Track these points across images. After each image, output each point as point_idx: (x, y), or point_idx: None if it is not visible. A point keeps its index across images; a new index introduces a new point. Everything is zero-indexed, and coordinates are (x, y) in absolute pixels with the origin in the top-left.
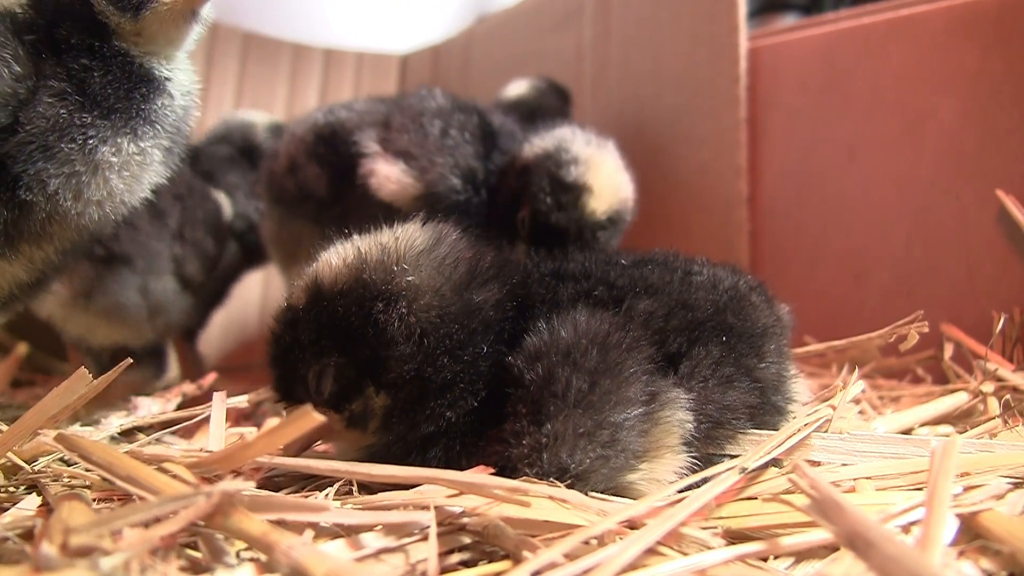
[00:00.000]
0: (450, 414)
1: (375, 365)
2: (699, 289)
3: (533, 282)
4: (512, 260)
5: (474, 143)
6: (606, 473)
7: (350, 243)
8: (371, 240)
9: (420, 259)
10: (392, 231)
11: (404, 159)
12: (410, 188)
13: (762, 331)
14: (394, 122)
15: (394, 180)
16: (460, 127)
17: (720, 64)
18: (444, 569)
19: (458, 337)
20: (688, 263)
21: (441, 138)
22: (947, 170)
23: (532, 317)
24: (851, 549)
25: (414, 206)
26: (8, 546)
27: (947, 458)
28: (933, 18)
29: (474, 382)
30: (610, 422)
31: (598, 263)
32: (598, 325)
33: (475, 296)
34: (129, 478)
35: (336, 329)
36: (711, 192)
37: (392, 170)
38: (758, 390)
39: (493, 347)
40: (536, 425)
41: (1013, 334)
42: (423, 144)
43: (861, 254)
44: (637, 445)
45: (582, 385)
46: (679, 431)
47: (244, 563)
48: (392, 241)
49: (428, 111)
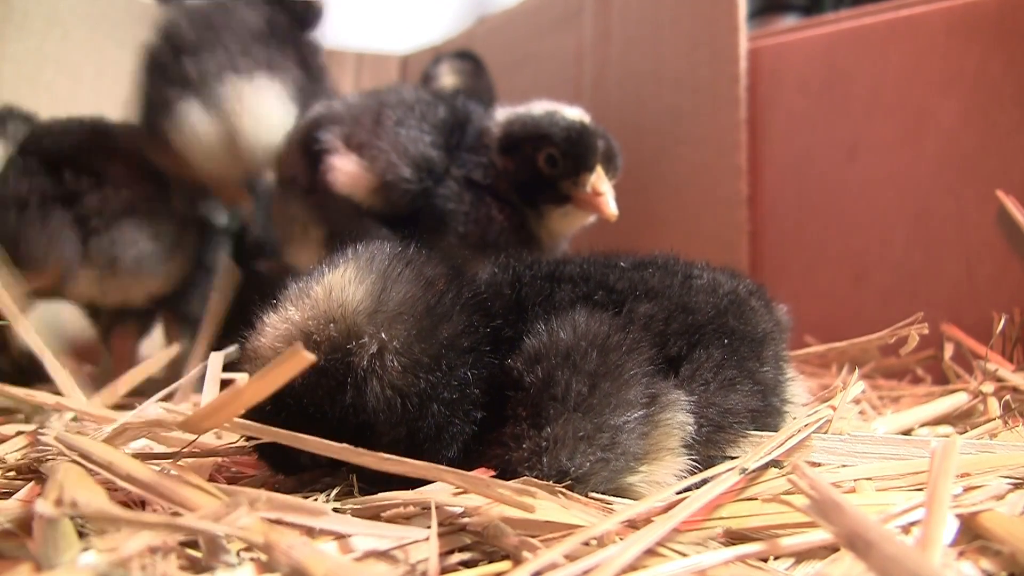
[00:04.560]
0: (451, 453)
1: (365, 433)
2: (699, 292)
3: (524, 284)
4: (462, 268)
5: (433, 133)
6: (606, 475)
7: (287, 321)
8: (311, 309)
9: (375, 318)
10: (327, 285)
11: (358, 152)
12: (363, 180)
13: (762, 336)
14: (360, 116)
15: (347, 172)
16: (420, 117)
17: (720, 65)
18: (444, 569)
19: (438, 381)
20: (688, 267)
21: (395, 128)
22: (947, 171)
23: (527, 320)
24: (851, 549)
25: (372, 198)
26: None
27: (947, 459)
28: (933, 19)
29: (470, 409)
30: (610, 425)
31: (597, 266)
32: (598, 326)
33: (441, 334)
34: (129, 478)
35: (316, 415)
36: (711, 192)
37: (346, 163)
38: (760, 393)
39: (480, 367)
40: (536, 428)
41: (1013, 334)
42: (375, 135)
43: (861, 255)
44: (637, 448)
45: (582, 388)
46: (679, 433)
47: (245, 563)
48: (337, 307)
49: (390, 104)
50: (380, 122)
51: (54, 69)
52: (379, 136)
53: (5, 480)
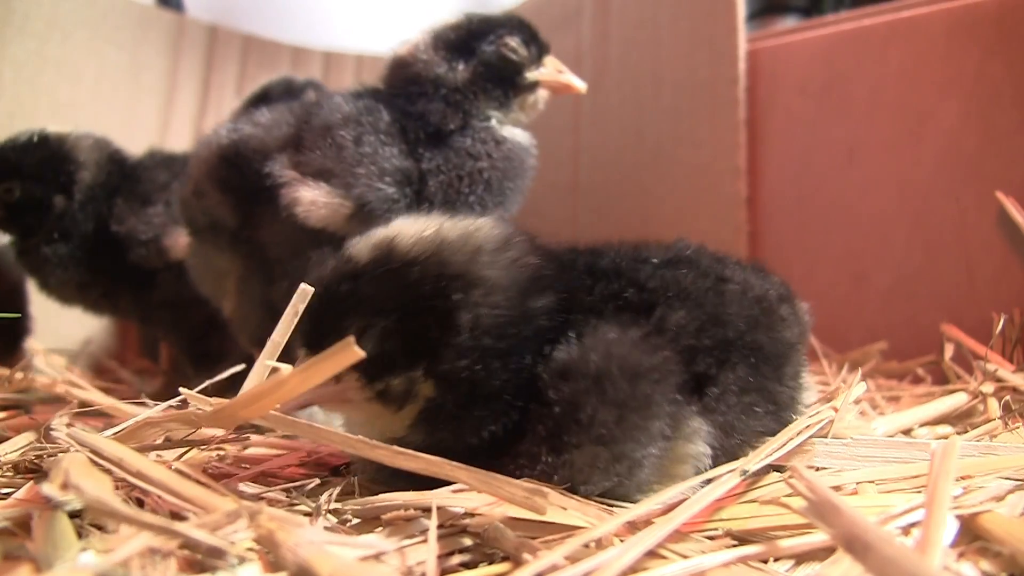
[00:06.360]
0: (494, 427)
1: (428, 346)
2: (732, 302)
3: (575, 280)
4: (566, 265)
5: (393, 142)
6: (615, 494)
7: (428, 218)
8: (450, 223)
9: (496, 255)
10: (468, 221)
11: (325, 179)
12: (341, 208)
13: (786, 349)
14: (305, 140)
15: (322, 204)
16: (373, 129)
17: (719, 66)
18: (445, 570)
19: (512, 343)
20: (720, 266)
21: (356, 147)
22: (947, 172)
23: (569, 324)
24: (848, 552)
25: (349, 227)
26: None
27: (947, 460)
28: (933, 20)
29: (516, 396)
30: (630, 457)
31: (628, 260)
32: (629, 351)
33: (534, 303)
34: (139, 474)
35: (400, 294)
36: (711, 193)
37: (316, 194)
38: (774, 413)
39: (534, 359)
40: (555, 453)
41: (1013, 335)
42: (340, 158)
43: (861, 256)
44: (652, 475)
45: (607, 418)
46: (695, 463)
47: (251, 560)
48: (473, 229)
49: (335, 123)
50: (337, 143)
51: (54, 72)
52: (344, 159)
53: (5, 479)
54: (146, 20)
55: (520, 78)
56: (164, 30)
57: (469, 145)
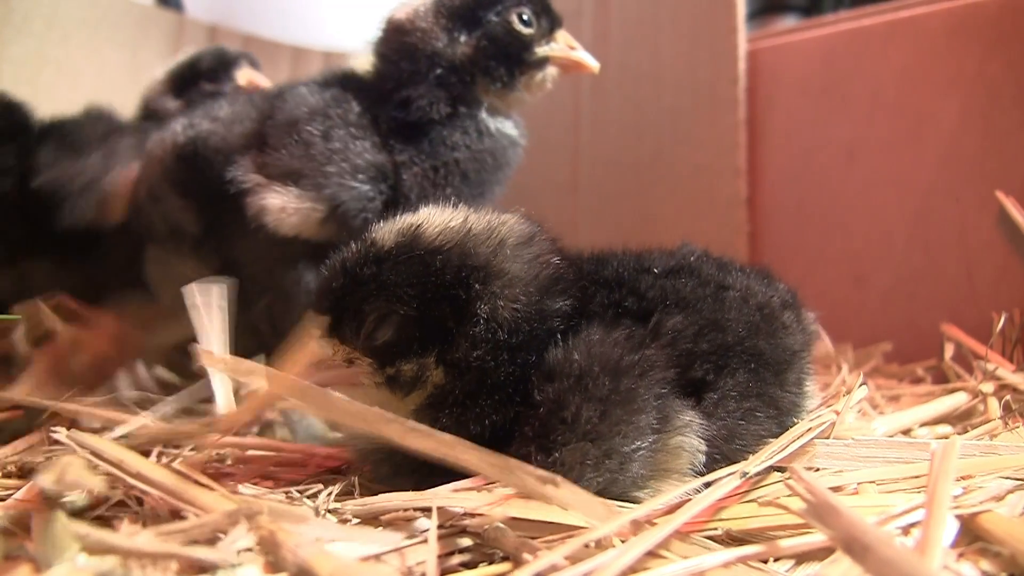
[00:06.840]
0: (496, 417)
1: (444, 335)
2: (732, 308)
3: (585, 287)
4: (582, 269)
5: (365, 134)
6: (612, 491)
7: (455, 209)
8: (476, 215)
9: (519, 250)
10: (494, 215)
11: (294, 181)
12: (313, 213)
13: (790, 356)
14: (269, 138)
15: (292, 211)
16: (343, 122)
17: (719, 65)
18: (445, 570)
19: (524, 339)
20: (722, 273)
21: (325, 143)
22: (947, 172)
23: (570, 329)
24: (847, 553)
25: (323, 231)
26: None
27: (947, 460)
28: (933, 20)
29: (519, 391)
30: (619, 452)
31: (630, 269)
32: (610, 349)
33: (551, 303)
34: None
35: (422, 281)
36: (710, 193)
37: (285, 200)
38: (776, 418)
39: (537, 359)
40: (543, 452)
41: (1013, 335)
42: (308, 156)
43: (861, 256)
44: (646, 470)
45: (592, 415)
46: (690, 458)
47: (251, 561)
48: (497, 223)
49: (301, 117)
50: (304, 140)
51: (54, 71)
52: (312, 157)
53: (5, 479)
54: (146, 20)
55: (528, 54)
56: (164, 30)
57: (446, 135)
